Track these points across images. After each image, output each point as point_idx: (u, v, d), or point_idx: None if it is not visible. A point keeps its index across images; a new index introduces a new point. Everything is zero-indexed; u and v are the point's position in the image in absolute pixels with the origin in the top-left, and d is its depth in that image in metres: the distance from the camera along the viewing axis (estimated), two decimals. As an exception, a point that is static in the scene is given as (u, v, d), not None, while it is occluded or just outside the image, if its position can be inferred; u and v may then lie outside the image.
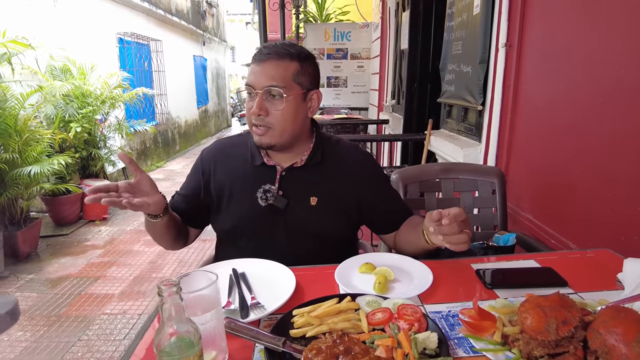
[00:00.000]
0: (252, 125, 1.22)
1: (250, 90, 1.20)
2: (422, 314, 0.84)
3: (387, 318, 0.84)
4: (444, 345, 0.77)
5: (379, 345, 0.77)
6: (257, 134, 1.22)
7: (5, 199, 3.73)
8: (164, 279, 0.64)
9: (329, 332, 0.81)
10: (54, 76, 4.97)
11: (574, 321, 0.76)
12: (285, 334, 0.82)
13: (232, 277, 1.08)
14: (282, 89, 1.16)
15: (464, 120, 2.86)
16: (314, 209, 1.27)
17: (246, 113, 1.24)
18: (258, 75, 1.18)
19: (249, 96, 1.22)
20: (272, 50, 1.19)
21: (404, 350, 0.74)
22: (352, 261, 1.16)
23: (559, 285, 1.03)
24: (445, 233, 0.98)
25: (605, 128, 1.49)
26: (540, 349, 0.75)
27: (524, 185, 2.04)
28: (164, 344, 0.63)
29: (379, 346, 0.77)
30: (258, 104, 1.17)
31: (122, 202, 1.04)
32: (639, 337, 0.68)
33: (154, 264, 3.85)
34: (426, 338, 0.77)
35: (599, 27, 1.54)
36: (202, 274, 0.76)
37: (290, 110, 1.19)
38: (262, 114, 1.18)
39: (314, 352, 0.74)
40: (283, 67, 1.18)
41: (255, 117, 1.19)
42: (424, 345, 0.77)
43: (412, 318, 0.82)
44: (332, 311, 0.88)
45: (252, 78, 1.19)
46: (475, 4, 2.49)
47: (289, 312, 0.89)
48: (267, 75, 1.17)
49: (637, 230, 1.33)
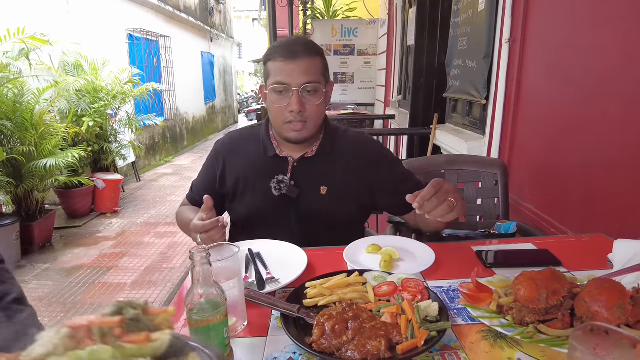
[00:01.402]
0: (285, 122, 1.25)
1: (283, 88, 1.21)
2: (424, 287, 0.92)
3: (392, 290, 0.92)
4: (444, 313, 0.85)
5: (384, 312, 0.85)
6: (294, 130, 1.25)
7: (22, 190, 3.85)
8: (195, 246, 0.72)
9: (339, 301, 0.89)
10: (66, 72, 5.08)
11: (563, 291, 0.83)
12: (299, 303, 0.90)
13: (248, 256, 1.17)
14: (318, 84, 1.22)
15: (468, 115, 2.92)
16: (324, 197, 1.34)
17: (275, 110, 1.26)
18: (293, 73, 1.20)
19: (279, 94, 1.23)
20: (301, 48, 1.21)
21: (408, 316, 0.82)
22: (359, 242, 1.24)
23: (554, 264, 1.10)
24: (427, 211, 1.01)
25: (605, 122, 1.55)
26: (531, 315, 0.82)
27: (525, 177, 2.11)
28: (194, 304, 0.72)
29: (384, 313, 0.84)
30: (298, 101, 1.20)
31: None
32: (619, 304, 0.76)
33: (164, 255, 3.96)
34: (427, 306, 0.85)
35: (599, 22, 1.60)
36: (226, 247, 0.84)
37: (323, 104, 1.27)
38: (302, 111, 1.22)
39: (325, 317, 0.82)
40: (314, 63, 1.23)
41: (295, 114, 1.22)
42: (425, 313, 0.84)
43: (415, 290, 0.90)
44: (342, 284, 0.95)
45: (285, 76, 1.20)
46: (481, 0, 2.55)
47: (302, 285, 0.97)
48: (303, 72, 1.20)
49: (632, 216, 1.40)
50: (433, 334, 0.78)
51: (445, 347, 0.80)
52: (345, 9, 7.90)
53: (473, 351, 0.78)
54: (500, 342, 0.81)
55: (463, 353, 0.78)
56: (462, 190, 1.87)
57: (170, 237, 4.37)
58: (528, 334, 0.79)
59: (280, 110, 1.25)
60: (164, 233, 4.50)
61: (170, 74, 8.93)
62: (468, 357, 0.77)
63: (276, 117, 1.28)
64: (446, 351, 0.79)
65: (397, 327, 0.80)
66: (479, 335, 0.83)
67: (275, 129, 1.33)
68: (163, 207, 5.42)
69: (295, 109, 1.21)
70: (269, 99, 1.28)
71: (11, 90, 3.88)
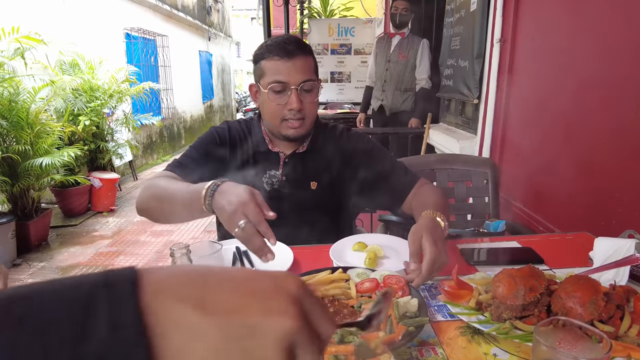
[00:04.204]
0: (284, 119, 1.26)
1: (282, 87, 1.23)
2: (405, 283, 0.93)
3: (374, 286, 0.93)
4: (423, 308, 0.86)
5: (365, 308, 0.86)
6: (293, 127, 1.27)
7: (18, 189, 3.85)
8: (175, 243, 0.73)
9: (322, 297, 0.91)
10: (63, 71, 5.08)
11: (540, 288, 0.85)
12: None
13: (235, 254, 1.18)
14: (314, 82, 1.25)
15: (461, 114, 2.94)
16: (314, 193, 1.36)
17: (271, 109, 1.27)
18: (291, 71, 1.22)
19: (277, 93, 1.24)
20: (296, 46, 1.23)
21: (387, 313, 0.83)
22: (346, 240, 1.25)
23: (536, 262, 1.12)
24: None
25: (591, 123, 1.57)
26: (508, 312, 0.84)
27: (515, 176, 2.13)
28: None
29: (365, 309, 0.86)
30: (298, 99, 1.22)
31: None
32: (592, 300, 0.77)
33: (160, 254, 3.97)
34: (407, 302, 0.86)
35: (586, 25, 1.62)
36: (209, 244, 0.86)
37: (317, 101, 1.30)
38: (302, 108, 1.24)
39: None
40: (308, 61, 1.25)
41: (295, 112, 1.24)
42: (405, 309, 0.86)
43: (396, 286, 0.92)
44: (326, 280, 0.97)
45: (283, 75, 1.22)
46: (472, 0, 2.56)
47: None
48: (301, 70, 1.22)
49: (614, 215, 1.42)
50: (411, 329, 0.79)
51: (424, 343, 0.81)
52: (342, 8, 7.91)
53: (450, 346, 0.80)
54: (478, 337, 0.82)
55: (440, 348, 0.80)
56: (453, 189, 1.89)
57: (167, 236, 4.38)
58: (504, 329, 0.80)
59: (278, 108, 1.26)
60: (160, 232, 4.51)
61: (167, 72, 8.93)
62: (445, 352, 0.79)
63: (273, 115, 1.28)
64: (424, 346, 0.80)
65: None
66: (457, 331, 0.85)
67: (271, 126, 1.33)
68: (160, 206, 5.43)
69: (295, 107, 1.23)
70: (264, 98, 1.28)
71: (6, 89, 3.88)
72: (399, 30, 3.75)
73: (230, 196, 0.85)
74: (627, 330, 0.76)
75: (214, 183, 0.91)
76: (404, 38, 3.74)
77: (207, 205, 0.88)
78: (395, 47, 3.78)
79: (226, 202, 0.85)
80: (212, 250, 0.83)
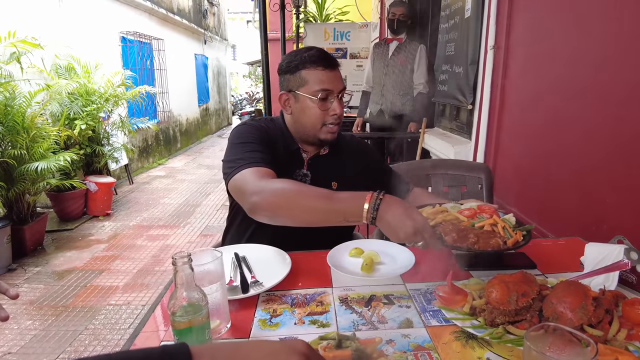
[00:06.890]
0: (325, 124, 1.36)
1: (326, 95, 1.33)
2: (495, 210, 1.18)
3: (474, 213, 1.17)
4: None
5: (481, 225, 1.11)
6: (331, 132, 1.38)
7: (13, 194, 3.84)
8: (177, 252, 0.75)
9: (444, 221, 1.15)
10: (59, 75, 5.08)
11: (532, 294, 0.87)
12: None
13: (234, 260, 1.20)
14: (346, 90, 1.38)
15: (456, 119, 2.97)
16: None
17: (314, 115, 1.35)
18: (335, 80, 1.35)
19: (322, 100, 1.33)
20: (333, 58, 1.36)
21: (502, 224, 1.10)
22: (343, 246, 1.27)
23: (529, 267, 1.14)
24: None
25: (583, 129, 1.60)
26: (501, 317, 0.86)
27: (509, 181, 2.16)
28: (177, 307, 0.75)
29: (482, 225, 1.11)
30: (340, 105, 1.36)
31: None
32: (582, 305, 0.80)
33: (156, 258, 3.97)
34: (508, 218, 1.16)
35: (578, 32, 1.65)
36: (209, 252, 0.88)
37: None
38: (342, 113, 1.37)
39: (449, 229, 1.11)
40: (340, 72, 1.39)
41: (337, 117, 1.36)
42: (508, 222, 1.13)
43: (490, 211, 1.15)
44: (437, 212, 1.19)
45: (329, 83, 1.33)
46: (467, 7, 2.60)
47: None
48: (340, 79, 1.37)
49: (605, 220, 1.45)
50: (523, 233, 1.09)
51: (419, 348, 0.83)
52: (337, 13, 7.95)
53: (445, 351, 0.82)
54: (472, 342, 0.84)
55: (435, 353, 0.82)
56: (448, 194, 1.92)
57: (163, 240, 4.38)
58: (497, 334, 0.82)
59: (322, 114, 1.35)
60: (157, 236, 4.51)
61: (163, 76, 8.93)
62: (440, 357, 0.81)
63: (315, 121, 1.36)
64: (419, 351, 0.82)
65: (495, 233, 1.09)
66: (451, 336, 0.87)
67: (309, 131, 1.39)
68: (156, 210, 5.42)
69: (339, 112, 1.35)
70: (305, 104, 1.35)
71: (2, 93, 3.88)
72: (396, 35, 3.79)
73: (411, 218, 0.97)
74: (615, 334, 0.79)
75: (375, 197, 1.01)
76: (402, 43, 3.78)
77: (370, 219, 0.99)
78: (394, 52, 3.82)
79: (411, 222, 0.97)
80: (213, 257, 0.85)
